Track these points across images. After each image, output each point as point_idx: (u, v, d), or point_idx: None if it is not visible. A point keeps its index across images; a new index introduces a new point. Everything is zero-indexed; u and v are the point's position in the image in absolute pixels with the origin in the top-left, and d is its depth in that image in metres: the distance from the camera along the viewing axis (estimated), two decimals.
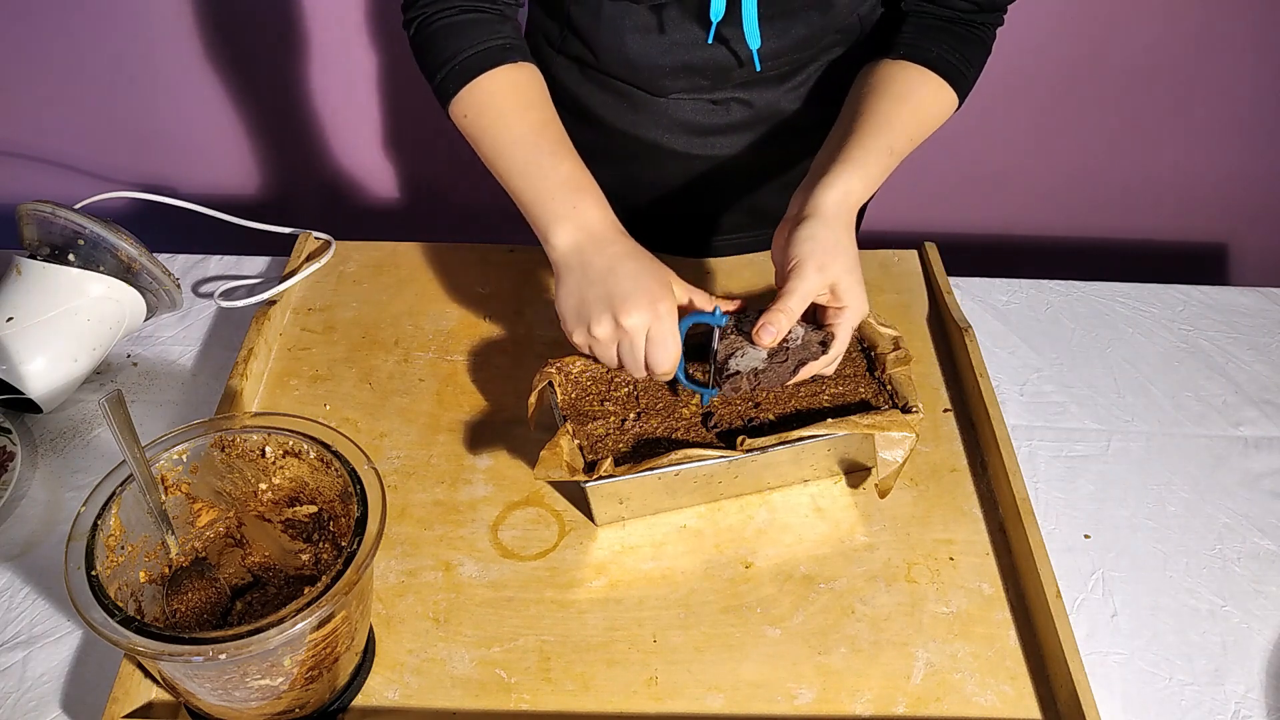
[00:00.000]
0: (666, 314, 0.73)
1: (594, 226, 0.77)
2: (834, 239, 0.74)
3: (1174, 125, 1.62)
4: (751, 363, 0.75)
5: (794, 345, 0.75)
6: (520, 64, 0.83)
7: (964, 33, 0.86)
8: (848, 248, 0.75)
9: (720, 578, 0.78)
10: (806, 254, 0.73)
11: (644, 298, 0.73)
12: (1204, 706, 0.73)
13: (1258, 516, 0.85)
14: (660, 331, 0.73)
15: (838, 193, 0.76)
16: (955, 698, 0.71)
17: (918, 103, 0.84)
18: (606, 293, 0.74)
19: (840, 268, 0.74)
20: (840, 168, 0.77)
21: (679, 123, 0.98)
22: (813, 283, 0.73)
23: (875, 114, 0.82)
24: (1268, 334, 1.02)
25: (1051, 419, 0.92)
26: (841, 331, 0.75)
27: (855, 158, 0.78)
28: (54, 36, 1.55)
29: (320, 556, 0.71)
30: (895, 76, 0.85)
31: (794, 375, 0.75)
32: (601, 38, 0.92)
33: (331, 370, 0.94)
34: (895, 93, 0.83)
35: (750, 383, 0.75)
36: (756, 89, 0.95)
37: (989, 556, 0.79)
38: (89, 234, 0.90)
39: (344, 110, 1.64)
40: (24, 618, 0.76)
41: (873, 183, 0.79)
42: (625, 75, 0.95)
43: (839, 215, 0.76)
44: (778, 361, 0.75)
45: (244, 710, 0.64)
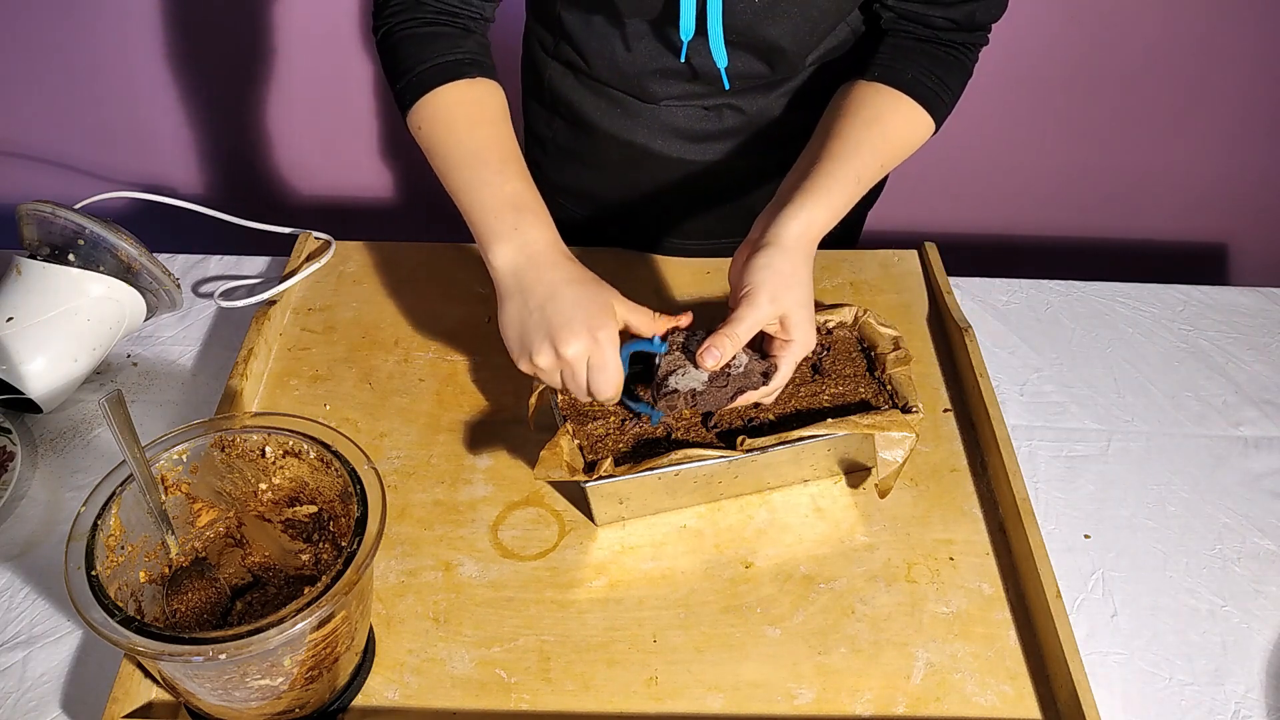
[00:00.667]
0: (606, 341, 0.72)
1: (534, 248, 0.75)
2: (791, 270, 0.73)
3: (1174, 125, 1.62)
4: (691, 383, 0.74)
5: (736, 372, 0.75)
6: (478, 79, 0.82)
7: (941, 54, 0.85)
8: (803, 280, 0.74)
9: (720, 578, 0.78)
10: (760, 282, 0.73)
11: (582, 327, 0.71)
12: (1204, 706, 0.73)
13: (1258, 516, 0.85)
14: (600, 359, 0.72)
15: (800, 223, 0.75)
16: (955, 698, 0.71)
17: (889, 127, 0.82)
18: (545, 320, 0.72)
19: (793, 300, 0.73)
20: (804, 197, 0.76)
21: (671, 129, 0.98)
22: (764, 312, 0.72)
23: (845, 139, 0.80)
24: (1268, 334, 1.02)
25: (1051, 419, 0.92)
26: (784, 365, 0.75)
27: (821, 186, 0.77)
28: (54, 37, 1.55)
29: (320, 556, 0.71)
30: (868, 99, 0.83)
31: (731, 401, 0.75)
32: (592, 45, 0.92)
33: (331, 370, 0.94)
34: (866, 117, 0.82)
35: (687, 402, 0.75)
36: (748, 96, 0.95)
37: (989, 556, 0.79)
38: (89, 234, 0.90)
39: (344, 110, 1.64)
40: (24, 618, 0.76)
41: (837, 213, 0.78)
42: (616, 82, 0.95)
43: (799, 246, 0.75)
44: (718, 385, 0.74)
45: (244, 710, 0.64)
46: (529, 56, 1.05)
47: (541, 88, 1.03)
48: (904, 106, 0.83)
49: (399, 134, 1.67)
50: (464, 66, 0.82)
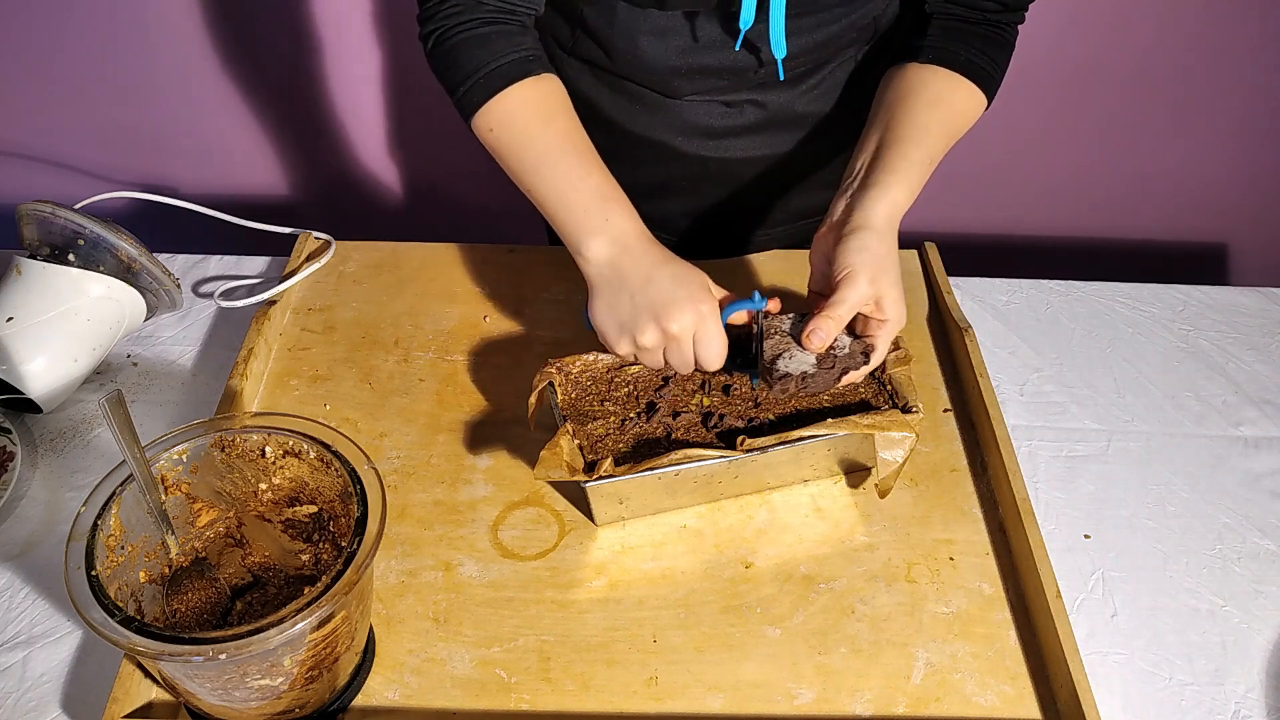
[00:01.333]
0: (710, 314, 0.76)
1: (626, 238, 0.79)
2: (885, 252, 0.76)
3: (1174, 125, 1.62)
4: (801, 366, 0.77)
5: (841, 353, 0.77)
6: (542, 76, 0.83)
7: (989, 34, 0.87)
8: (895, 262, 0.77)
9: (720, 578, 0.78)
10: (859, 265, 0.75)
11: (687, 303, 0.75)
12: (1204, 706, 0.73)
13: (1258, 516, 0.85)
14: (706, 332, 0.76)
15: (885, 205, 0.78)
16: (955, 698, 0.71)
17: (951, 108, 0.85)
18: (648, 302, 0.76)
19: (887, 281, 0.75)
20: (886, 178, 0.79)
21: (691, 125, 0.98)
22: (863, 293, 0.75)
23: (913, 122, 0.82)
24: (1268, 334, 1.02)
25: (1051, 419, 0.92)
26: (881, 343, 0.78)
27: (899, 168, 0.79)
28: (54, 36, 1.55)
29: (320, 556, 0.71)
30: (927, 82, 0.85)
31: (836, 382, 0.78)
32: (615, 40, 0.92)
33: (331, 370, 0.94)
34: (928, 99, 0.84)
35: (798, 385, 0.77)
36: (771, 91, 0.95)
37: (989, 556, 0.79)
38: (89, 234, 0.90)
39: (344, 110, 1.64)
40: (24, 618, 0.76)
41: (914, 192, 0.80)
42: (639, 78, 0.95)
43: (888, 228, 0.77)
44: (825, 368, 0.77)
45: (244, 710, 0.64)
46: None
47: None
48: (962, 87, 0.85)
49: (400, 134, 1.67)
50: (528, 64, 0.82)
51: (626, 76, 0.96)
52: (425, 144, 1.69)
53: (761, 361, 0.79)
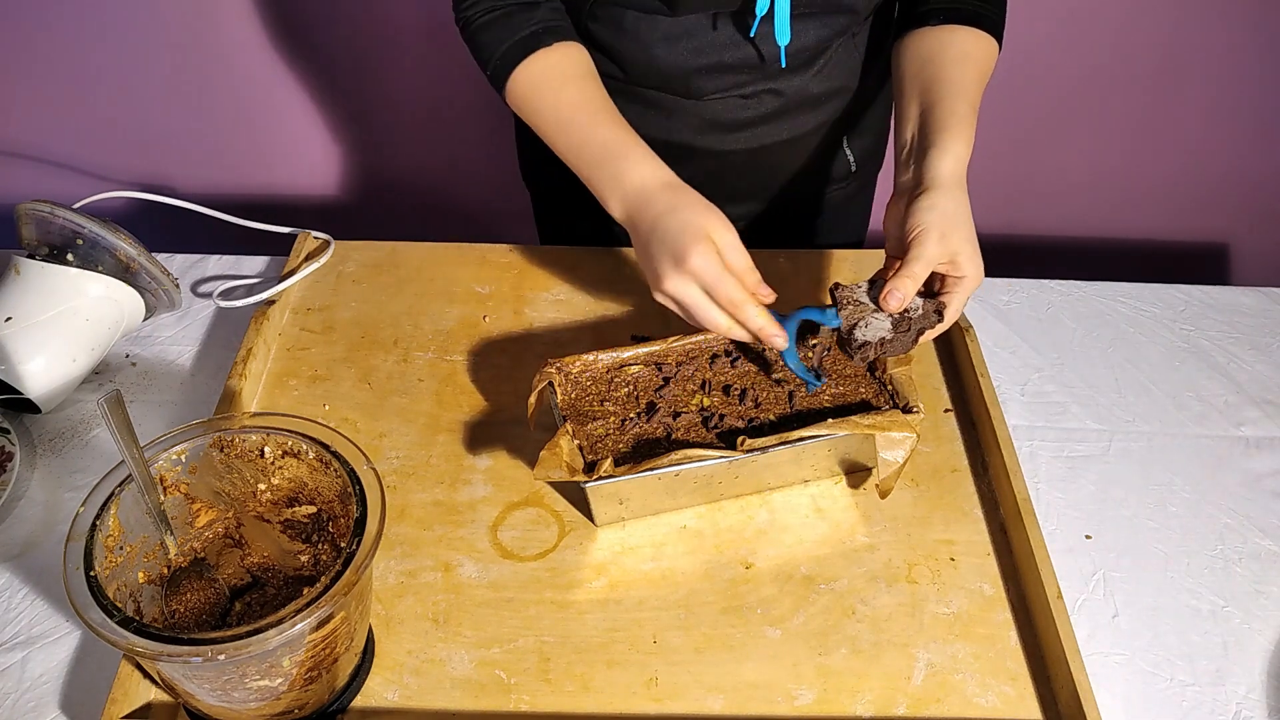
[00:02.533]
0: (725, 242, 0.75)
1: (636, 192, 0.80)
2: (955, 208, 0.76)
3: (1174, 125, 1.62)
4: (878, 332, 0.76)
5: (915, 314, 0.77)
6: (555, 45, 0.86)
7: None
8: (967, 217, 0.77)
9: (720, 578, 0.78)
10: (930, 223, 0.75)
11: (693, 236, 0.75)
12: (1205, 707, 0.72)
13: (1259, 517, 0.84)
14: (726, 242, 0.76)
15: (950, 161, 0.78)
16: (956, 698, 0.71)
17: (976, 60, 0.87)
18: (664, 250, 0.76)
19: (960, 237, 0.76)
20: (943, 136, 0.79)
21: (711, 122, 0.99)
22: (936, 251, 0.75)
23: (948, 79, 0.84)
24: (1269, 334, 1.01)
25: (1052, 419, 0.92)
26: (956, 299, 0.77)
27: (951, 125, 0.80)
28: (54, 36, 1.54)
29: (319, 557, 0.71)
30: (946, 41, 0.87)
31: (914, 344, 0.78)
32: (627, 51, 0.93)
33: (331, 370, 0.94)
34: (954, 56, 0.86)
35: (878, 351, 0.77)
36: (787, 77, 0.96)
37: (990, 557, 0.79)
38: (88, 234, 0.90)
39: (344, 110, 1.64)
40: (23, 618, 0.76)
41: (970, 144, 0.81)
42: (655, 84, 0.96)
43: (956, 183, 0.78)
44: (901, 331, 0.77)
45: (243, 711, 0.63)
46: None
47: None
48: (979, 39, 0.88)
49: (399, 134, 1.67)
50: (539, 36, 0.86)
51: (641, 84, 0.96)
52: (425, 144, 1.69)
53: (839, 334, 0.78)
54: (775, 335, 0.76)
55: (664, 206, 0.78)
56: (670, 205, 0.78)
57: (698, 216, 0.77)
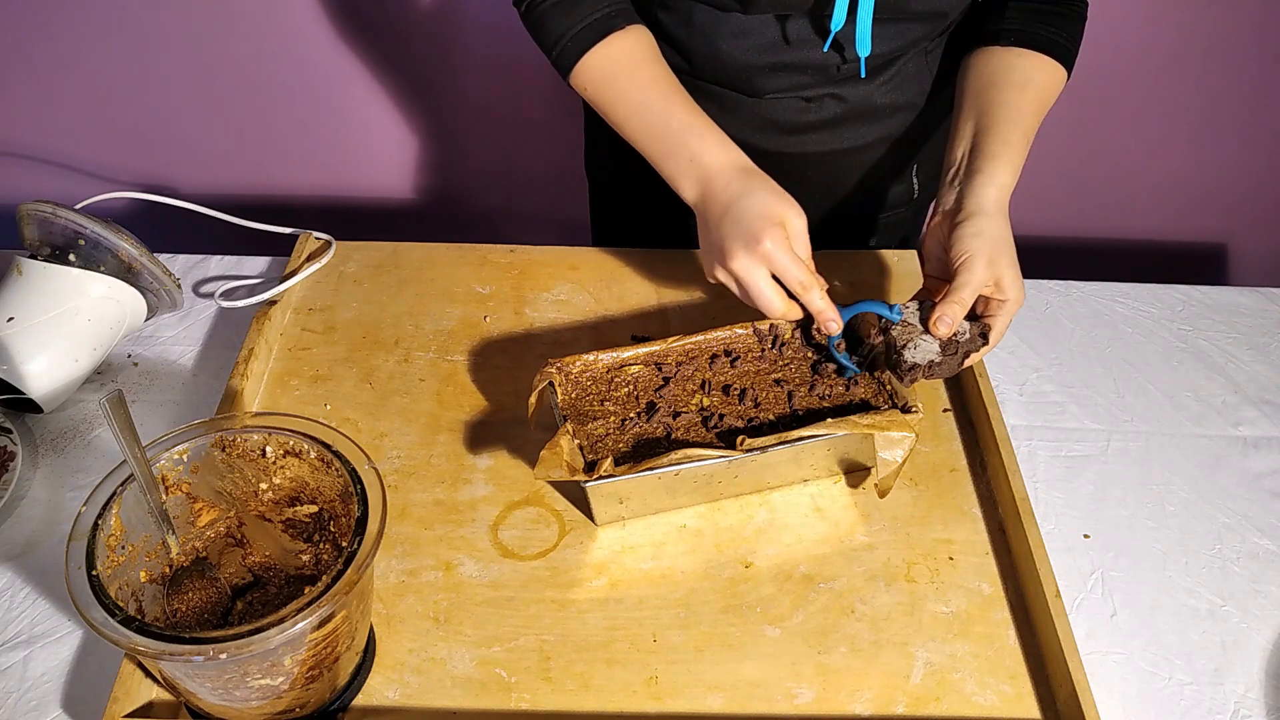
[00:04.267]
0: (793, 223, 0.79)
1: (712, 174, 0.82)
2: (1000, 235, 0.78)
3: (1174, 125, 1.62)
4: (927, 355, 0.78)
5: (962, 339, 0.79)
6: (627, 29, 0.87)
7: (1063, 10, 0.89)
8: (1010, 243, 0.79)
9: (720, 577, 0.78)
10: (977, 250, 0.77)
11: (768, 220, 0.77)
12: (1203, 706, 0.73)
13: (1257, 516, 0.85)
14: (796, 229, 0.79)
15: (995, 189, 0.80)
16: (955, 697, 0.71)
17: (1038, 87, 0.87)
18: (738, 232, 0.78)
19: (1005, 262, 0.77)
20: (991, 164, 0.81)
21: (771, 122, 0.99)
22: (983, 276, 0.77)
23: (1006, 104, 0.85)
24: (1267, 334, 1.02)
25: (1051, 419, 0.93)
26: (1000, 322, 0.79)
27: (1001, 153, 0.81)
28: (54, 36, 1.55)
29: (321, 556, 0.71)
30: (1012, 64, 0.87)
31: (960, 367, 0.79)
32: (694, 44, 0.93)
33: (332, 370, 0.94)
34: (1017, 81, 0.86)
35: (926, 373, 0.78)
36: (851, 84, 0.96)
37: (988, 556, 0.80)
38: (90, 234, 0.90)
39: (344, 110, 1.64)
40: (24, 618, 0.76)
41: (1017, 173, 0.82)
42: (719, 79, 0.96)
43: (999, 210, 0.79)
44: (949, 354, 0.79)
45: (245, 710, 0.64)
46: None
47: None
48: (1047, 66, 0.88)
49: (399, 134, 1.68)
50: (611, 19, 0.87)
51: (704, 78, 0.97)
52: (426, 144, 1.69)
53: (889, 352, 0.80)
54: (831, 320, 0.80)
55: (740, 189, 0.80)
56: (746, 188, 0.80)
57: (773, 201, 0.79)
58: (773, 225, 0.78)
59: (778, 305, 0.79)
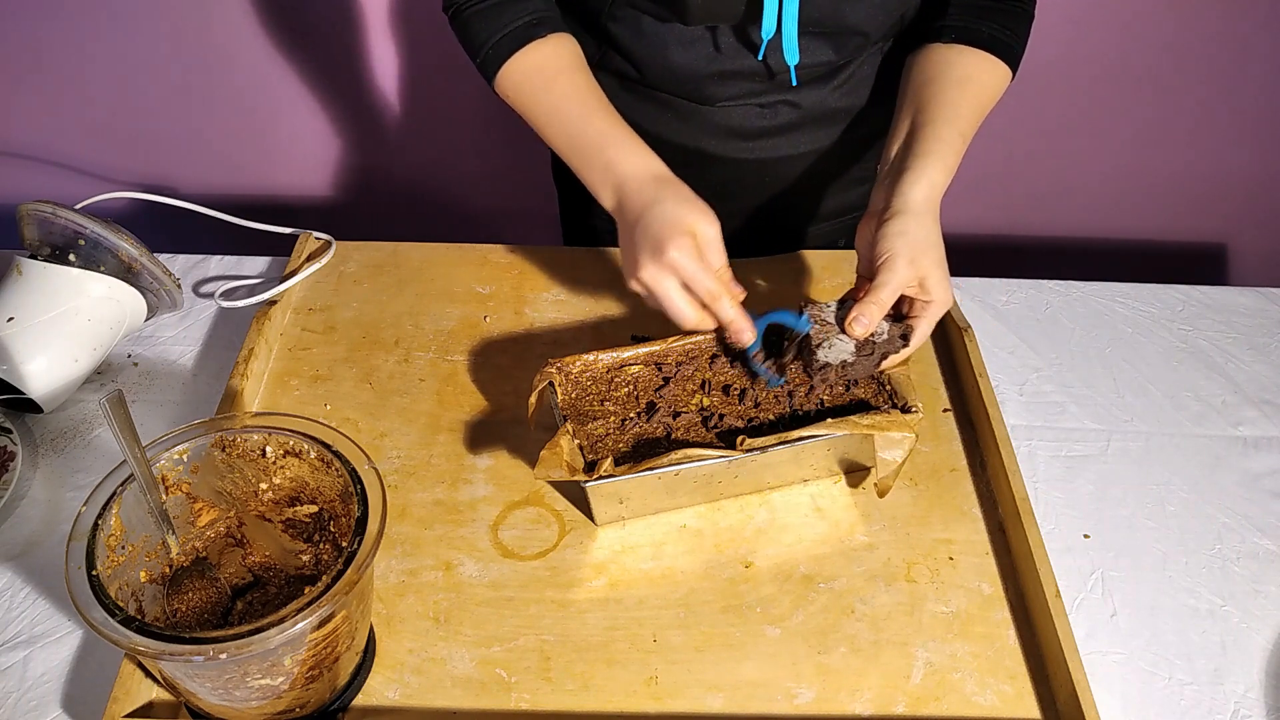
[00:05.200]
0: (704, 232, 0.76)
1: (623, 183, 0.81)
2: (924, 233, 0.76)
3: (1175, 125, 1.62)
4: (841, 355, 0.77)
5: (880, 339, 0.77)
6: (549, 37, 0.86)
7: (1008, 7, 0.88)
8: (936, 242, 0.77)
9: (720, 577, 0.78)
10: (899, 249, 0.75)
11: (675, 229, 0.75)
12: (1203, 706, 0.73)
13: (1257, 516, 0.85)
14: (708, 237, 0.76)
15: (923, 187, 0.78)
16: (955, 697, 0.71)
17: (979, 85, 0.86)
18: (646, 240, 0.77)
19: (929, 262, 0.76)
20: (922, 161, 0.79)
21: (726, 128, 0.99)
22: (904, 276, 0.75)
23: (943, 102, 0.83)
24: (1267, 334, 1.02)
25: (1051, 419, 0.93)
26: (924, 324, 0.78)
27: (934, 150, 0.80)
28: (54, 36, 1.55)
29: (321, 556, 0.71)
30: (953, 61, 0.86)
31: (876, 367, 0.78)
32: (645, 54, 0.93)
33: (332, 370, 0.94)
34: (956, 78, 0.85)
35: (839, 374, 0.77)
36: (805, 90, 0.96)
37: (988, 556, 0.80)
38: (90, 234, 0.90)
39: (344, 110, 1.64)
40: (24, 618, 0.76)
41: (951, 172, 0.81)
42: (671, 87, 0.96)
43: (927, 209, 0.78)
44: (865, 354, 0.77)
45: (245, 710, 0.64)
46: None
47: None
48: (987, 63, 0.86)
49: (399, 134, 1.68)
50: (532, 28, 0.86)
51: (657, 86, 0.97)
52: (426, 144, 1.69)
53: (801, 352, 0.79)
54: (744, 330, 0.78)
55: (651, 197, 0.78)
56: (657, 197, 0.78)
57: (684, 209, 0.77)
58: (680, 234, 0.75)
59: (688, 315, 0.77)
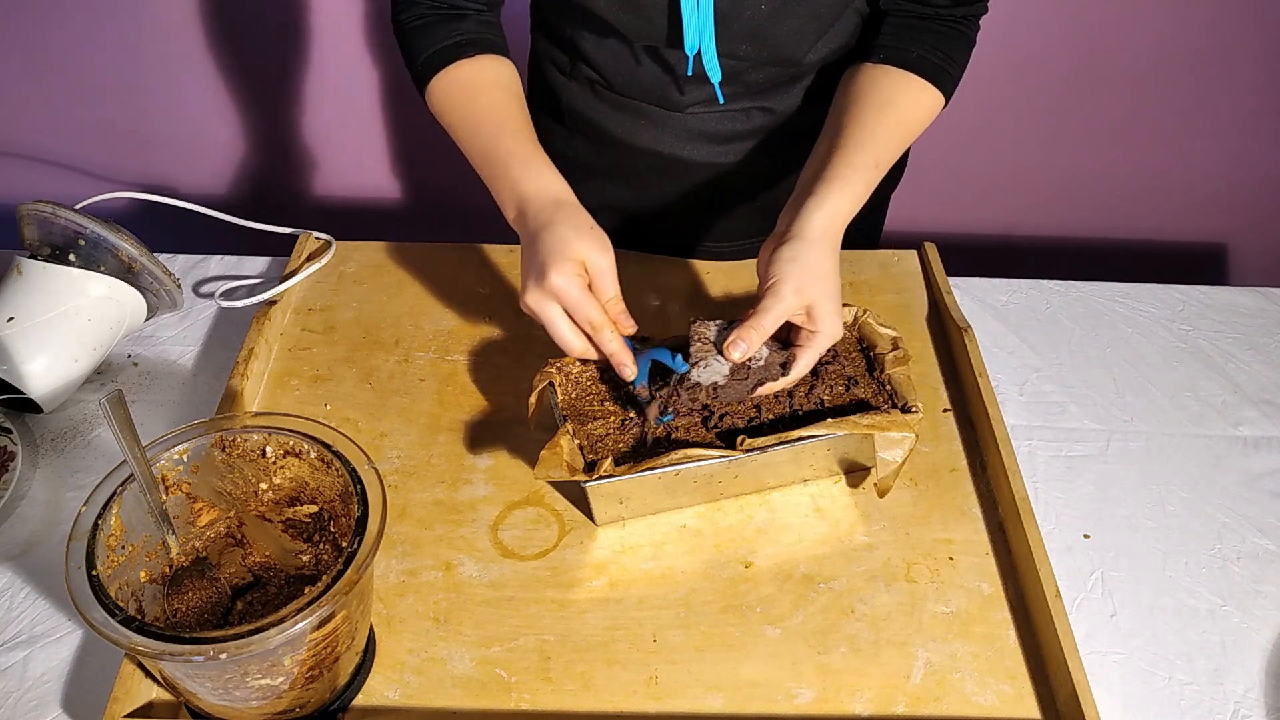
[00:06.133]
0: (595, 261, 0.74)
1: (523, 203, 0.79)
2: (815, 261, 0.74)
3: (1174, 125, 1.62)
4: (712, 376, 0.75)
5: (756, 365, 0.76)
6: (475, 57, 0.87)
7: (943, 29, 0.86)
8: (828, 271, 0.75)
9: (720, 577, 0.78)
10: (786, 275, 0.73)
11: (560, 255, 0.73)
12: (1203, 706, 0.73)
13: (1257, 516, 0.85)
14: (599, 267, 0.74)
15: (824, 214, 0.76)
16: (955, 697, 0.71)
17: (901, 109, 0.83)
18: (533, 264, 0.75)
19: (818, 291, 0.73)
20: (825, 187, 0.77)
21: (699, 134, 0.99)
22: (788, 304, 0.73)
23: (860, 125, 0.81)
24: (1267, 334, 1.02)
25: (1051, 419, 0.92)
26: (806, 355, 0.75)
27: (841, 175, 0.78)
28: (54, 36, 1.55)
29: (321, 556, 0.71)
30: (878, 82, 0.84)
31: (751, 393, 0.76)
32: (609, 64, 0.94)
33: (332, 370, 0.94)
34: (878, 101, 0.83)
35: (709, 395, 0.76)
36: (774, 94, 0.95)
37: (988, 556, 0.80)
38: (90, 234, 0.90)
39: (344, 110, 1.64)
40: (24, 618, 0.76)
41: (859, 199, 0.79)
42: (639, 95, 0.96)
43: (824, 237, 0.75)
44: (738, 378, 0.76)
45: (245, 710, 0.64)
46: (542, 80, 1.06)
47: (560, 109, 1.04)
48: (913, 86, 0.84)
49: (400, 134, 1.68)
50: (461, 48, 0.86)
51: (627, 94, 0.97)
52: (425, 144, 1.69)
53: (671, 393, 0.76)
54: (625, 365, 0.76)
55: (546, 220, 0.76)
56: (552, 220, 0.76)
57: (574, 235, 0.74)
58: (566, 260, 0.73)
59: (572, 343, 0.75)
